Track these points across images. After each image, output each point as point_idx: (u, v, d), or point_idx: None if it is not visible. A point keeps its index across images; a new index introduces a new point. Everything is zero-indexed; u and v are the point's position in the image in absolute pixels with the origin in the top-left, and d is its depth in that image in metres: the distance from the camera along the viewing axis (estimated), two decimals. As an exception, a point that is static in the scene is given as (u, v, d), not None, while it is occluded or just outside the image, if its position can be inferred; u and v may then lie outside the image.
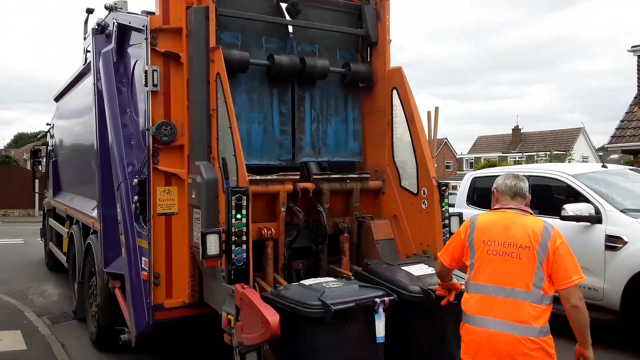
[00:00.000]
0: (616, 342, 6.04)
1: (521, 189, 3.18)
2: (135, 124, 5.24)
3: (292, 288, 3.89)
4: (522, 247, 2.95)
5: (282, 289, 3.90)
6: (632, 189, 6.76)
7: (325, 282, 3.94)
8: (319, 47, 5.33)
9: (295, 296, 3.67)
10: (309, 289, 3.77)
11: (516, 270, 2.93)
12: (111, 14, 5.71)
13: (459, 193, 8.18)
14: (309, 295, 3.63)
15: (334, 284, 3.93)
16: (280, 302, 3.68)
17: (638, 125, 16.50)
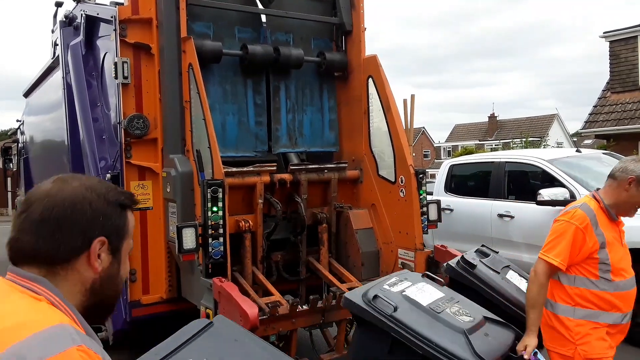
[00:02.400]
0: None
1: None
2: (106, 117, 5.13)
3: (412, 313, 2.69)
4: None
5: (395, 310, 2.63)
6: (606, 173, 6.74)
7: (446, 307, 2.82)
8: (293, 36, 5.27)
9: (427, 332, 2.55)
10: (439, 321, 2.67)
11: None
12: (79, 5, 5.57)
13: (436, 181, 8.21)
14: (451, 337, 2.57)
15: (461, 311, 2.82)
16: (398, 330, 2.58)
17: (610, 111, 16.80)
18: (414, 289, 2.86)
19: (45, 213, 1.15)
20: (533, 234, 6.42)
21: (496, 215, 6.83)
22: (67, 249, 1.16)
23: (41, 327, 1.03)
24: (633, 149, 15.23)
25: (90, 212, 1.18)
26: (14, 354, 0.98)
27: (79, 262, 1.18)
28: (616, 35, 16.91)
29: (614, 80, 17.09)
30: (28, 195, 1.21)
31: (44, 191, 1.18)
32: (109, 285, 1.25)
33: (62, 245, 1.15)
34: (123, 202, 1.27)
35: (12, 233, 1.18)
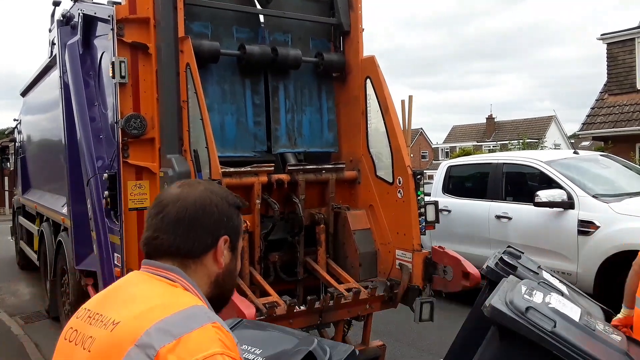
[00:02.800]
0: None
1: None
2: (103, 117, 5.11)
3: (570, 330, 2.43)
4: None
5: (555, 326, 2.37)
6: (603, 175, 6.88)
7: (595, 323, 2.66)
8: (292, 36, 5.26)
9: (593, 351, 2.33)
10: (598, 340, 2.49)
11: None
12: (76, 4, 5.54)
13: (434, 182, 8.22)
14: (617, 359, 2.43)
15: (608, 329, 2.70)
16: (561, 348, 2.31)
17: (608, 112, 16.83)
18: (555, 300, 2.64)
19: (180, 214, 1.32)
20: (530, 236, 6.44)
21: (494, 217, 6.84)
22: (199, 246, 1.34)
23: (182, 307, 1.21)
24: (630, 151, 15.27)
25: (217, 214, 1.35)
26: (160, 328, 1.14)
27: (207, 258, 1.35)
28: (614, 37, 16.95)
29: (612, 82, 17.13)
30: (160, 198, 1.39)
31: (175, 194, 1.36)
32: (229, 279, 1.43)
33: (195, 242, 1.33)
34: (238, 204, 1.43)
35: (149, 232, 1.35)
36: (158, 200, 1.38)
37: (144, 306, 1.22)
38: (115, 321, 1.20)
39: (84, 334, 1.25)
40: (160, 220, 1.33)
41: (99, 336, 1.20)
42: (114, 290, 1.35)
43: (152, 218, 1.36)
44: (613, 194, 6.16)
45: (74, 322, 1.32)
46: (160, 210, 1.34)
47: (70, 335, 1.29)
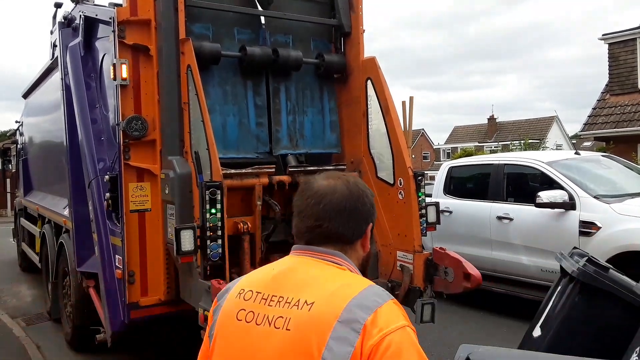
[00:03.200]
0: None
1: None
2: (105, 119, 5.12)
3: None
4: None
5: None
6: (604, 176, 6.87)
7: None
8: (292, 37, 5.26)
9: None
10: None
11: None
12: (78, 6, 5.56)
13: (435, 183, 8.21)
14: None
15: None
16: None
17: (610, 113, 16.81)
18: None
19: (341, 204, 1.43)
20: (532, 236, 6.42)
21: (495, 218, 6.83)
22: (356, 233, 1.47)
23: (364, 286, 1.34)
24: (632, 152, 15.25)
25: (368, 204, 1.49)
26: (358, 304, 1.27)
27: (358, 243, 1.49)
28: (615, 37, 16.93)
29: (613, 83, 17.10)
30: (314, 189, 1.47)
31: (330, 186, 1.46)
32: (368, 261, 1.59)
33: (354, 230, 1.46)
34: (373, 195, 1.56)
35: (311, 220, 1.44)
36: (312, 191, 1.46)
37: (331, 286, 1.34)
38: (308, 301, 1.30)
39: (267, 315, 1.34)
40: (322, 209, 1.43)
41: (295, 315, 1.30)
42: (281, 275, 1.42)
43: (310, 207, 1.45)
44: (614, 194, 6.14)
45: (241, 303, 1.40)
46: (320, 200, 1.43)
47: (245, 316, 1.37)
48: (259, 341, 1.33)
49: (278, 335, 1.30)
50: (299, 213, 1.49)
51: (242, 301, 1.41)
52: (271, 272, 1.47)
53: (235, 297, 1.43)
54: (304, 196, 1.49)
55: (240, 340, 1.36)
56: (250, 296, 1.40)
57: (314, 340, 1.25)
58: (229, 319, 1.41)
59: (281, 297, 1.35)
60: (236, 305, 1.41)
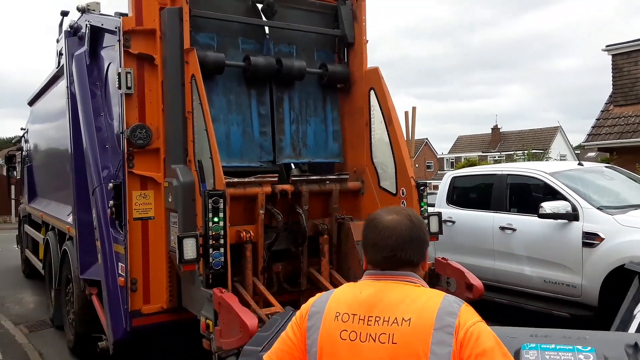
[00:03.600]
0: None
1: None
2: (109, 127, 5.16)
3: None
4: None
5: None
6: (608, 187, 6.86)
7: None
8: (296, 47, 5.30)
9: None
10: None
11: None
12: (84, 15, 5.62)
13: (438, 193, 8.21)
14: None
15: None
16: None
17: (613, 124, 16.78)
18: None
19: (411, 236, 1.75)
20: (535, 247, 6.41)
21: (498, 228, 6.82)
22: (422, 257, 1.79)
23: (441, 297, 1.67)
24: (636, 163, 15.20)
25: (426, 232, 1.83)
26: (444, 313, 1.60)
27: (420, 264, 1.80)
28: (619, 48, 16.94)
29: (617, 94, 17.09)
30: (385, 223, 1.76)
31: (397, 220, 1.77)
32: (426, 277, 1.91)
33: (421, 255, 1.79)
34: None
35: (386, 251, 1.74)
36: (383, 225, 1.76)
37: (418, 303, 1.65)
38: (405, 318, 1.61)
39: (369, 333, 1.64)
40: (395, 242, 1.73)
41: (398, 331, 1.61)
42: (372, 298, 1.71)
43: (384, 240, 1.75)
44: (618, 205, 6.13)
45: (340, 325, 1.69)
46: (392, 234, 1.74)
47: (348, 335, 1.66)
48: (368, 355, 1.62)
49: (386, 348, 1.60)
50: (374, 245, 1.78)
51: (342, 323, 1.69)
52: (359, 295, 1.74)
53: (333, 320, 1.71)
54: (375, 230, 1.78)
55: (349, 355, 1.65)
56: (347, 318, 1.69)
57: (420, 348, 1.56)
58: (334, 338, 1.68)
59: (377, 317, 1.65)
60: (337, 327, 1.69)
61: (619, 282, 5.60)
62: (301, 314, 1.81)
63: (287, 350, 1.79)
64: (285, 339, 1.82)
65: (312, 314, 1.77)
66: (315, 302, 1.81)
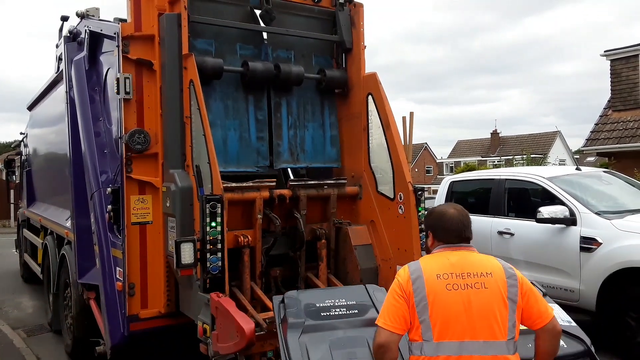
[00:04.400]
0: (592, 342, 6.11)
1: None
2: (108, 132, 5.18)
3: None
4: None
5: None
6: (606, 191, 6.87)
7: None
8: (294, 53, 5.32)
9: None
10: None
11: None
12: (83, 21, 5.64)
13: (437, 197, 8.23)
14: None
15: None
16: None
17: (612, 129, 16.82)
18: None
19: (468, 222, 2.66)
20: (533, 252, 6.42)
21: (496, 232, 6.83)
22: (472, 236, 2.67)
23: (496, 258, 2.59)
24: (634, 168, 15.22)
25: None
26: (505, 267, 2.52)
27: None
28: (617, 53, 17.00)
29: (615, 99, 17.13)
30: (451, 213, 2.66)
31: (458, 209, 2.69)
32: None
33: (471, 234, 2.66)
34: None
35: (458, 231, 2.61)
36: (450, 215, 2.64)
37: (489, 263, 2.53)
38: (487, 273, 2.47)
39: (466, 283, 2.43)
40: (463, 224, 2.61)
41: (486, 280, 2.44)
42: (460, 262, 2.51)
43: (456, 223, 2.61)
44: (615, 210, 6.14)
45: (443, 282, 2.43)
46: (462, 219, 2.63)
47: (452, 286, 2.42)
48: (468, 298, 2.39)
49: (482, 292, 2.41)
50: (448, 228, 2.61)
51: (444, 280, 2.44)
52: (448, 261, 2.51)
53: (436, 279, 2.44)
54: (444, 219, 2.64)
55: (455, 300, 2.39)
56: (447, 277, 2.44)
57: (502, 289, 2.44)
58: (441, 291, 2.41)
59: (469, 272, 2.45)
60: (442, 283, 2.43)
61: (616, 286, 5.62)
62: (401, 281, 2.47)
63: (397, 311, 2.43)
64: (393, 303, 2.45)
65: (414, 280, 2.45)
66: (410, 272, 2.49)
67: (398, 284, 2.47)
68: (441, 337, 2.35)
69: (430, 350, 2.36)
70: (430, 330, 2.36)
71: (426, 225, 2.77)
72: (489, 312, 2.38)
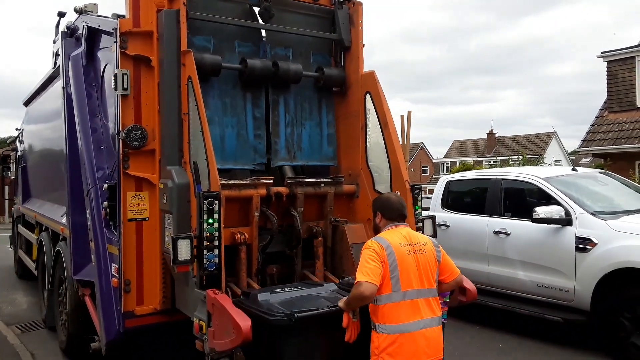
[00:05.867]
0: (586, 342, 6.14)
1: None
2: (105, 128, 5.16)
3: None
4: None
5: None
6: (601, 192, 6.89)
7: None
8: (293, 51, 5.32)
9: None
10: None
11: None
12: (81, 17, 5.62)
13: (433, 197, 8.24)
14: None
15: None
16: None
17: (608, 130, 16.89)
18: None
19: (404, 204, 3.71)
20: (528, 252, 6.44)
21: (492, 232, 6.85)
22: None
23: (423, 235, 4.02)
24: (629, 169, 15.30)
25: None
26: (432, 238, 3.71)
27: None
28: (614, 55, 17.07)
29: (612, 100, 17.21)
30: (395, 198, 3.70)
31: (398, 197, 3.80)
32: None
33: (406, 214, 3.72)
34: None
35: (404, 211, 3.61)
36: (394, 199, 3.62)
37: (423, 235, 3.71)
38: (424, 242, 3.49)
39: (415, 250, 3.38)
40: (403, 206, 3.57)
41: (425, 247, 3.45)
42: (408, 235, 3.46)
43: (399, 206, 3.56)
44: (611, 211, 6.16)
45: (404, 247, 3.36)
46: (402, 202, 3.61)
47: (408, 251, 3.35)
48: (417, 259, 3.36)
49: (424, 255, 3.40)
50: (394, 209, 3.55)
51: (404, 247, 3.35)
52: (401, 235, 3.42)
53: (400, 246, 3.33)
54: (390, 202, 3.59)
55: (412, 261, 3.34)
56: (406, 246, 3.36)
57: (433, 253, 3.47)
58: (404, 255, 3.32)
59: (415, 242, 3.42)
60: (404, 250, 3.34)
61: (611, 287, 5.64)
62: (377, 250, 3.28)
63: (376, 270, 3.21)
64: (373, 265, 3.22)
65: (386, 248, 3.29)
66: (382, 243, 3.31)
67: (374, 251, 3.28)
68: (406, 287, 3.28)
69: (398, 297, 3.26)
70: (399, 283, 3.27)
71: (375, 207, 3.64)
72: (429, 268, 3.41)
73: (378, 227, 3.58)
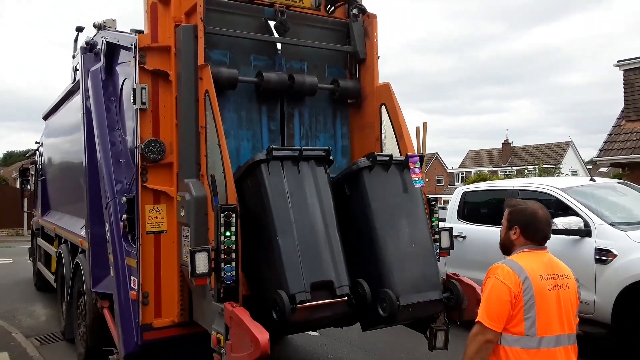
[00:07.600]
0: (607, 356, 6.03)
1: None
2: (123, 141, 5.22)
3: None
4: None
5: None
6: (620, 202, 6.81)
7: None
8: (308, 64, 5.36)
9: None
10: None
11: None
12: (100, 32, 5.72)
13: (449, 208, 8.19)
14: None
15: None
16: None
17: (625, 139, 16.68)
18: None
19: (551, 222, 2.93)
20: (547, 263, 6.37)
21: (509, 244, 6.78)
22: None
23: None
24: (648, 178, 15.05)
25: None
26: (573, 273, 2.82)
27: None
28: (630, 64, 16.89)
29: (629, 109, 17.01)
30: (542, 215, 2.81)
31: (547, 213, 2.86)
32: None
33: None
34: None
35: (549, 232, 2.79)
36: (542, 215, 2.78)
37: (564, 265, 2.80)
38: (567, 275, 2.76)
39: (557, 284, 2.68)
40: (549, 226, 2.81)
41: (568, 281, 2.73)
42: (549, 262, 2.74)
43: (545, 225, 2.78)
44: (630, 222, 6.08)
45: (544, 282, 2.65)
46: (549, 221, 2.83)
47: (550, 287, 2.65)
48: (559, 297, 2.67)
49: (567, 292, 2.70)
50: (539, 229, 2.77)
51: (545, 281, 2.65)
52: (542, 262, 2.71)
53: (540, 280, 2.63)
54: (537, 217, 2.77)
55: (553, 299, 2.65)
56: (547, 278, 2.66)
57: (576, 289, 2.76)
58: (544, 290, 2.62)
59: (558, 274, 2.70)
60: (544, 284, 2.64)
61: (633, 299, 5.55)
62: (510, 285, 2.59)
63: (504, 313, 2.59)
64: (502, 306, 2.59)
65: (523, 281, 2.61)
66: (518, 274, 2.61)
67: (507, 288, 2.60)
68: (543, 332, 2.61)
69: (533, 343, 2.61)
70: (535, 326, 2.60)
71: (515, 220, 2.81)
72: (571, 309, 2.72)
73: (510, 244, 2.83)
